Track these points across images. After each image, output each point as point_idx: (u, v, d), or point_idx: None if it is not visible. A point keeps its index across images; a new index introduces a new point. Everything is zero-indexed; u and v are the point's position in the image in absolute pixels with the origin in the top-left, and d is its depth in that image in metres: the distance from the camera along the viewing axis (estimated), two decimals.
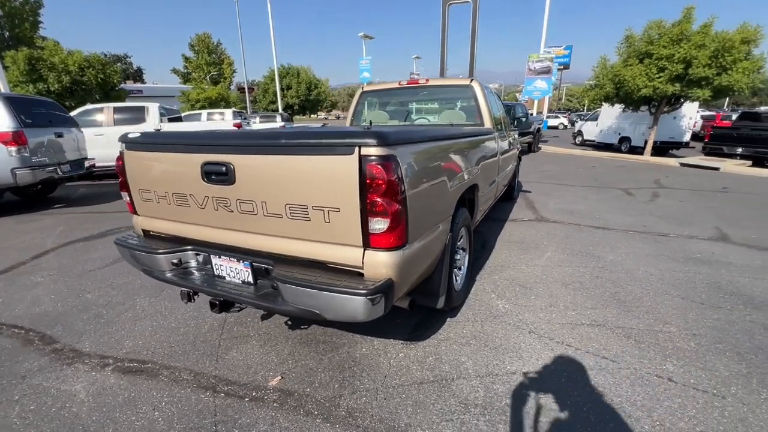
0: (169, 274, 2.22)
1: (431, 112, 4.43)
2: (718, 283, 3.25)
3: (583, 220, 5.27)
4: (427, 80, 4.26)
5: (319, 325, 2.65)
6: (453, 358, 2.28)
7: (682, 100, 12.31)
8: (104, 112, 9.24)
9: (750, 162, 11.09)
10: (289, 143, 1.73)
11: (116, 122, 9.15)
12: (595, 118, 18.87)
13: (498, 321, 2.69)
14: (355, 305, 1.63)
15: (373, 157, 1.57)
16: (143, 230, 2.43)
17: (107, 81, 16.97)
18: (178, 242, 2.27)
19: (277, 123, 13.26)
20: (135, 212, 2.43)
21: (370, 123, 3.62)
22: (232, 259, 2.07)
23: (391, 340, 2.48)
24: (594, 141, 18.55)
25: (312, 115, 44.09)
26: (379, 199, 1.60)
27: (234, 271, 2.09)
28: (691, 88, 11.10)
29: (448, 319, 2.70)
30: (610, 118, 17.24)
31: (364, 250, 1.71)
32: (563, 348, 2.36)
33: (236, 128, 7.60)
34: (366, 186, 1.59)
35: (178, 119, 10.82)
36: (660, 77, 11.28)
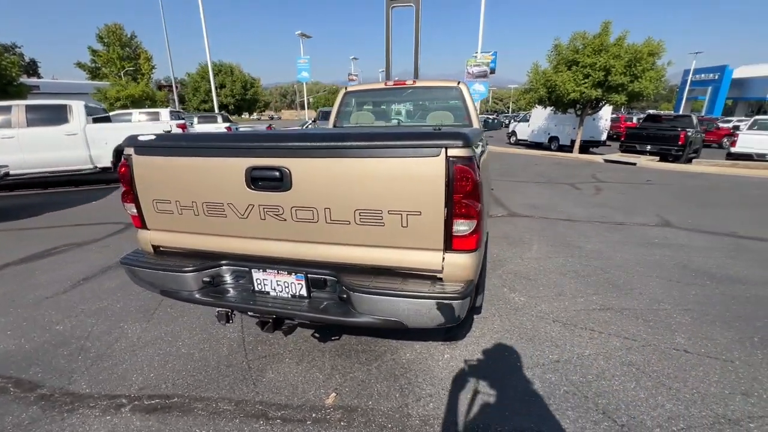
0: (198, 295, 1.96)
1: (419, 113, 4.47)
2: (683, 264, 3.73)
3: (549, 214, 5.70)
4: (414, 81, 4.28)
5: (348, 333, 2.54)
6: (498, 354, 2.33)
7: (602, 104, 13.91)
8: (13, 112, 7.86)
9: (658, 158, 12.86)
10: (365, 145, 1.63)
11: (30, 123, 7.85)
12: (527, 120, 20.51)
13: (521, 313, 2.80)
14: (447, 310, 1.60)
15: (459, 158, 1.54)
16: (154, 246, 2.13)
17: (3, 74, 14.46)
18: (204, 257, 2.02)
19: (220, 124, 12.34)
20: (143, 226, 2.11)
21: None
22: (281, 272, 1.89)
23: (431, 342, 2.46)
24: (527, 140, 20.15)
25: (249, 116, 41.94)
26: (465, 201, 1.58)
27: (282, 285, 1.91)
28: (610, 93, 12.60)
29: (475, 317, 2.75)
30: (540, 119, 18.85)
31: (444, 252, 1.67)
32: (589, 333, 2.54)
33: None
34: (453, 187, 1.56)
35: (106, 119, 9.59)
36: (585, 83, 12.62)
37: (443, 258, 1.68)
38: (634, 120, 28.22)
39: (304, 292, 1.88)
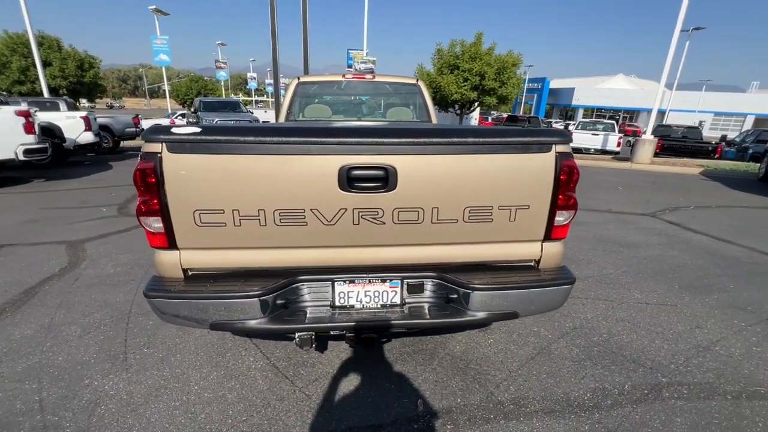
0: (269, 322, 1.63)
1: (378, 108, 4.43)
2: (597, 236, 4.67)
3: None
4: (374, 76, 4.23)
5: (382, 335, 2.43)
6: (527, 332, 2.57)
7: (476, 105, 16.00)
8: None
9: None
10: (478, 141, 1.59)
11: None
12: None
13: None
14: (561, 295, 1.72)
15: (565, 154, 1.66)
16: (185, 269, 1.66)
17: None
18: (264, 276, 1.68)
19: (66, 113, 9.61)
20: (171, 245, 1.62)
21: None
22: (372, 281, 1.71)
23: (467, 332, 2.55)
24: None
25: (88, 103, 33.84)
26: (569, 193, 1.71)
27: (372, 295, 1.73)
28: (484, 96, 14.59)
29: None
30: None
31: (543, 242, 1.78)
32: (582, 301, 3.00)
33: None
34: (560, 181, 1.67)
35: None
36: (465, 85, 14.31)
37: (542, 248, 1.79)
38: (489, 120, 33.23)
39: (397, 299, 1.75)
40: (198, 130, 1.50)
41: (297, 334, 1.71)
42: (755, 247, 4.33)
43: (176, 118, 19.35)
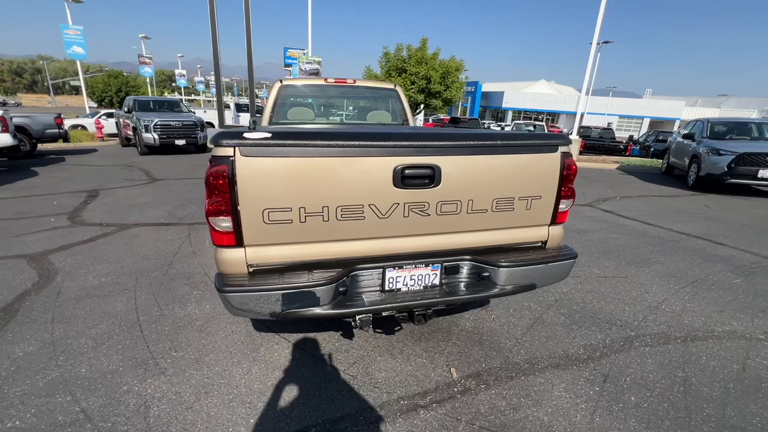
0: (332, 308, 1.80)
1: (357, 111, 4.63)
2: None
3: None
4: (354, 81, 4.43)
5: (402, 321, 2.68)
6: (518, 303, 2.98)
7: (422, 107, 16.73)
8: None
9: None
10: (504, 144, 1.92)
11: None
12: None
13: None
14: (568, 268, 2.11)
15: (567, 154, 2.05)
16: (250, 265, 1.77)
17: None
18: (325, 266, 1.84)
19: None
20: (237, 243, 1.72)
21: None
22: (418, 266, 1.96)
23: (471, 310, 2.89)
24: None
25: None
26: (569, 185, 2.10)
27: (416, 279, 1.98)
28: (431, 98, 15.33)
29: None
30: None
31: (549, 226, 2.16)
32: None
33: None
34: (563, 176, 2.05)
35: None
36: (413, 88, 14.92)
37: (548, 231, 2.17)
38: (431, 120, 34.59)
39: (437, 281, 2.02)
40: (269, 135, 1.64)
41: (358, 317, 1.91)
42: (672, 228, 5.28)
43: (101, 118, 17.53)
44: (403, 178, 1.78)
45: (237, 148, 1.61)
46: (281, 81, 4.22)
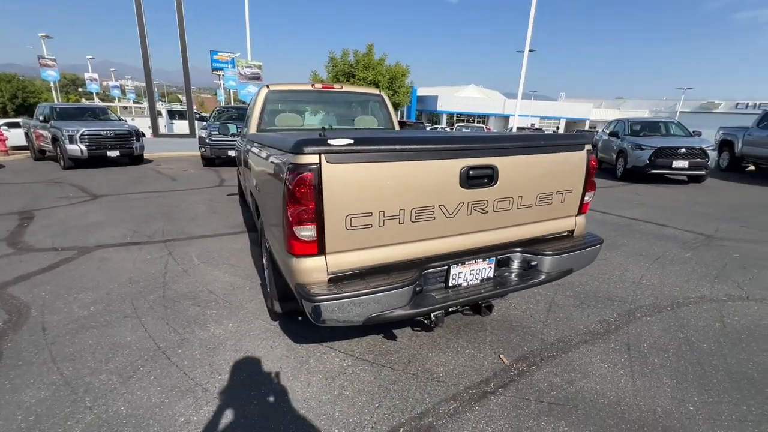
0: (411, 308, 1.85)
1: (344, 116, 4.63)
2: None
3: None
4: (341, 86, 4.43)
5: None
6: (535, 292, 3.24)
7: None
8: None
9: None
10: (548, 144, 2.12)
11: None
12: None
13: None
14: (597, 252, 2.36)
15: (590, 151, 2.31)
16: (330, 273, 1.75)
17: None
18: (393, 269, 1.88)
19: None
20: (319, 252, 1.70)
21: (324, 128, 3.63)
22: (477, 260, 2.07)
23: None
24: None
25: None
26: (592, 179, 2.37)
27: (474, 273, 2.09)
28: None
29: None
30: None
31: (576, 216, 2.41)
32: None
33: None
34: (588, 170, 2.31)
35: None
36: None
37: (575, 221, 2.42)
38: None
39: (491, 273, 2.16)
40: (351, 141, 1.65)
41: (433, 314, 1.97)
42: (621, 215, 6.03)
43: (3, 128, 15.13)
44: (468, 179, 1.89)
45: (322, 155, 1.60)
46: (268, 87, 4.09)
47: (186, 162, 12.28)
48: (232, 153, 10.90)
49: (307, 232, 1.65)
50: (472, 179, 1.90)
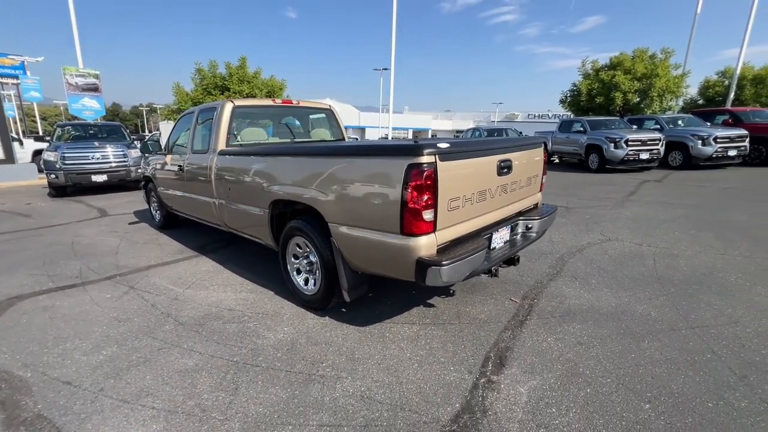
0: (487, 264, 2.55)
1: (302, 129, 4.85)
2: None
3: None
4: (299, 102, 4.68)
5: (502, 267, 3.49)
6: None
7: None
8: None
9: None
10: (530, 143, 3.07)
11: None
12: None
13: None
14: (555, 218, 3.45)
15: (545, 146, 3.39)
16: (439, 245, 2.28)
17: None
18: (468, 238, 2.53)
19: None
20: (433, 230, 2.22)
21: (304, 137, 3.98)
22: (503, 228, 2.87)
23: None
24: None
25: None
26: (545, 167, 3.45)
27: (501, 238, 2.89)
28: None
29: None
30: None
31: (538, 193, 3.46)
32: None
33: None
34: (544, 161, 3.38)
35: None
36: None
37: (539, 196, 3.48)
38: None
39: (508, 237, 3.00)
40: (449, 144, 2.24)
41: (493, 268, 2.67)
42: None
43: None
44: (500, 169, 2.69)
45: (437, 155, 2.14)
46: (233, 102, 4.07)
47: (17, 194, 9.70)
48: (98, 178, 9.24)
49: (428, 215, 2.15)
50: (501, 169, 2.70)
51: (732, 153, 11.13)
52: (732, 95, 17.23)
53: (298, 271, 3.18)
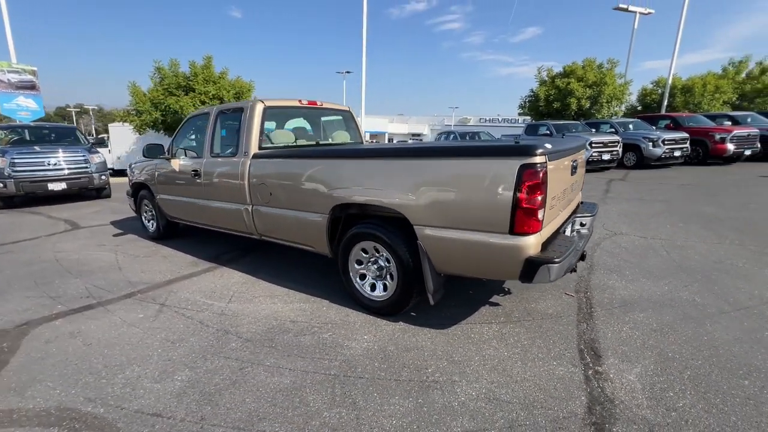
0: (575, 261, 2.65)
1: (325, 131, 4.70)
2: None
3: None
4: (323, 103, 4.53)
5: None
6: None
7: None
8: None
9: None
10: (584, 144, 3.22)
11: None
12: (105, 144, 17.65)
13: None
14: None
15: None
16: (542, 244, 2.33)
17: None
18: (553, 238, 2.61)
19: None
20: (541, 229, 2.27)
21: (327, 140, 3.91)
22: (567, 226, 3.00)
23: None
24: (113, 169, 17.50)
25: None
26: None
27: (568, 233, 3.01)
28: None
29: None
30: (127, 144, 17.01)
31: (580, 192, 3.66)
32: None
33: None
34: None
35: None
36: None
37: (580, 195, 3.67)
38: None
39: (568, 234, 3.13)
40: (550, 146, 2.31)
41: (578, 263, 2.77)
42: None
43: None
44: (572, 169, 2.81)
45: (546, 156, 2.20)
46: (263, 102, 3.85)
47: None
48: (56, 186, 8.29)
49: (540, 214, 2.20)
50: (573, 169, 2.82)
51: (677, 153, 12.46)
52: (665, 102, 19.41)
53: (362, 277, 3.08)
